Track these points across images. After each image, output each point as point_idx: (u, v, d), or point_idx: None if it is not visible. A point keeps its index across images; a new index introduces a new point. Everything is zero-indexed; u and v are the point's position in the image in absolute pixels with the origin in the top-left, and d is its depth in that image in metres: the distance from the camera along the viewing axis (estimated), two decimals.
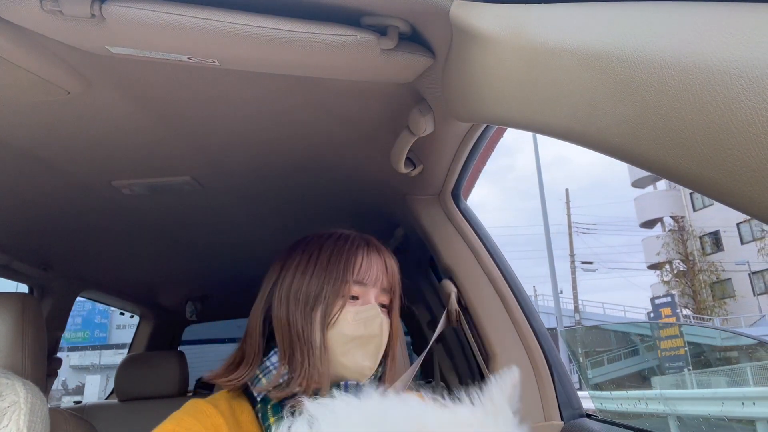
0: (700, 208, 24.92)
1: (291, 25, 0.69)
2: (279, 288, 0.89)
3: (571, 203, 26.74)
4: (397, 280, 0.93)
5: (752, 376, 6.32)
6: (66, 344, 20.53)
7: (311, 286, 0.86)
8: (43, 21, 0.69)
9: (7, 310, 1.08)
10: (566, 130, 0.53)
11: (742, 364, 6.85)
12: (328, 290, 0.85)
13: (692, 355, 7.05)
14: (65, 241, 1.89)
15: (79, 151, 1.21)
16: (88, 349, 21.51)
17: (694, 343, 7.61)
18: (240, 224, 1.84)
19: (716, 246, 23.97)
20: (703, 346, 7.65)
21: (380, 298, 0.90)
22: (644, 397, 5.83)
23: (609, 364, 8.14)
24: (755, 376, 6.30)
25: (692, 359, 6.97)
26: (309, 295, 0.86)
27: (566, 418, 1.21)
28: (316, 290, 0.86)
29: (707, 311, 22.45)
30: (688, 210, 25.52)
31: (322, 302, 0.85)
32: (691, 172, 0.40)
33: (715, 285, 23.35)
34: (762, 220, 0.38)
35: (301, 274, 0.88)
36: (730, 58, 0.35)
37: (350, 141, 1.22)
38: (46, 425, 0.96)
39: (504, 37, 0.58)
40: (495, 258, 1.35)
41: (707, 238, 24.36)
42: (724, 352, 7.56)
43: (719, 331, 8.07)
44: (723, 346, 7.57)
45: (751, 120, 0.34)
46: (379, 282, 0.89)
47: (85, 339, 21.13)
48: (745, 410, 4.56)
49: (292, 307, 0.86)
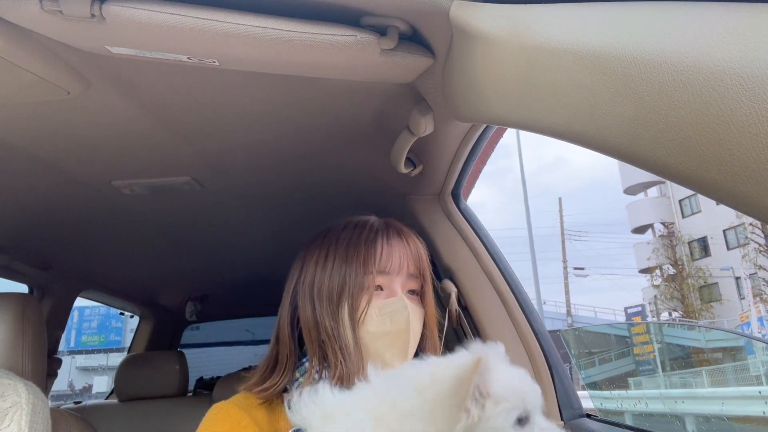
0: (689, 215, 25.64)
1: (291, 25, 0.69)
2: (302, 286, 0.84)
3: (571, 204, 27.40)
4: (426, 263, 0.87)
5: (706, 378, 6.50)
6: (84, 347, 20.99)
7: (333, 281, 0.81)
8: (43, 21, 0.69)
9: (7, 310, 1.08)
10: (566, 130, 0.53)
11: (701, 368, 7.04)
12: (351, 284, 0.80)
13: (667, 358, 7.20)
14: (65, 241, 1.89)
15: (79, 151, 1.21)
16: (93, 352, 21.85)
17: (677, 345, 7.72)
18: (240, 224, 1.84)
19: (704, 252, 24.61)
20: (686, 348, 7.77)
21: (408, 284, 0.83)
22: (644, 397, 5.88)
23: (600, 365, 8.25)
24: (709, 378, 6.48)
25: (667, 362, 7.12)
26: (332, 291, 0.81)
27: (566, 418, 1.21)
28: (339, 285, 0.80)
29: (695, 314, 22.98)
30: (678, 217, 26.22)
31: (348, 298, 0.79)
32: (691, 172, 0.40)
33: (702, 289, 23.93)
34: (762, 220, 0.38)
35: (321, 269, 0.83)
36: (730, 58, 0.35)
37: (350, 141, 1.22)
38: (47, 425, 0.96)
39: (504, 37, 0.57)
40: (495, 258, 1.35)
41: (695, 244, 25.04)
42: (701, 354, 7.70)
43: (704, 333, 8.21)
44: (706, 348, 7.70)
45: (751, 120, 0.34)
46: (404, 268, 0.83)
47: (101, 342, 21.64)
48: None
49: (317, 305, 0.81)
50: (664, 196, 27.04)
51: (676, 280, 24.22)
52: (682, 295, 23.80)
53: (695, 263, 24.60)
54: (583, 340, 6.56)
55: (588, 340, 7.27)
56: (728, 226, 22.66)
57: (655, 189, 27.76)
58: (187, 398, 2.28)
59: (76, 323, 20.93)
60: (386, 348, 0.79)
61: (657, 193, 27.72)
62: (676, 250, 24.91)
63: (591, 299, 51.95)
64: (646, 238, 27.37)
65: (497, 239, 1.41)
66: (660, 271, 25.00)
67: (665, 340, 7.58)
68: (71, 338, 20.81)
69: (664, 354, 7.19)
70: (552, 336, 1.33)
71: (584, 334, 7.87)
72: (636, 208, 27.87)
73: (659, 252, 25.13)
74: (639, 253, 26.89)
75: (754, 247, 20.77)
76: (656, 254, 25.17)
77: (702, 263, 24.20)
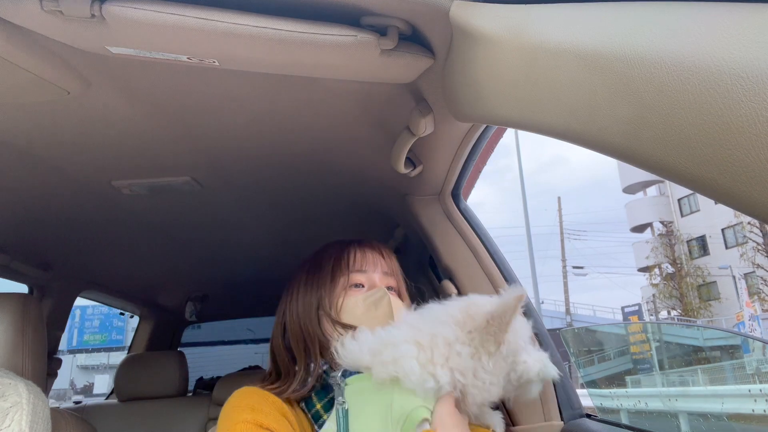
0: (688, 213, 25.81)
1: (291, 25, 0.69)
2: (290, 309, 0.95)
3: (570, 202, 27.63)
4: (397, 266, 0.99)
5: (701, 376, 6.56)
6: (86, 346, 21.31)
7: (314, 294, 0.93)
8: (43, 21, 0.69)
9: (7, 310, 1.08)
10: (566, 130, 0.53)
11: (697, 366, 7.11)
12: (328, 287, 0.92)
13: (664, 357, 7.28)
14: (65, 240, 1.89)
15: (79, 151, 1.21)
16: (93, 351, 22.11)
17: (675, 343, 7.81)
18: (240, 224, 1.84)
19: (703, 250, 24.78)
20: (683, 347, 7.84)
21: (384, 280, 0.95)
22: (644, 395, 5.89)
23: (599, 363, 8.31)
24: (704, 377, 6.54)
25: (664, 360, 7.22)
26: (313, 300, 0.92)
27: (566, 418, 1.21)
28: (318, 294, 0.92)
29: (694, 312, 23.11)
30: (676, 215, 26.39)
31: (325, 299, 0.92)
32: (691, 172, 0.40)
33: (701, 287, 24.08)
34: (762, 220, 0.38)
35: (305, 288, 0.94)
36: (730, 58, 0.35)
37: (350, 141, 1.22)
38: (47, 425, 0.96)
39: (504, 37, 0.58)
40: (495, 258, 1.35)
41: (694, 243, 25.19)
42: (698, 354, 7.77)
43: (702, 332, 8.30)
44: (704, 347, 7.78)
45: (751, 120, 0.34)
46: (379, 266, 0.95)
47: (103, 341, 21.99)
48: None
49: (303, 316, 0.92)
50: (663, 195, 27.20)
51: (675, 278, 24.38)
52: (681, 293, 23.94)
53: (694, 262, 24.74)
54: (583, 339, 6.64)
55: (587, 338, 7.36)
56: (726, 225, 22.82)
57: (654, 188, 27.92)
58: (187, 398, 2.28)
59: (78, 322, 21.14)
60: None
61: (656, 192, 27.90)
62: (675, 249, 25.06)
63: (590, 298, 52.11)
64: (645, 237, 27.53)
65: (495, 238, 1.41)
66: (659, 270, 25.16)
67: (663, 339, 7.65)
68: (73, 337, 21.03)
69: (661, 353, 7.27)
70: (551, 334, 1.33)
71: (583, 332, 7.94)
72: (635, 207, 28.03)
73: (658, 251, 25.29)
74: (638, 252, 27.05)
75: (752, 245, 20.92)
76: (655, 253, 25.33)
77: (701, 262, 24.33)
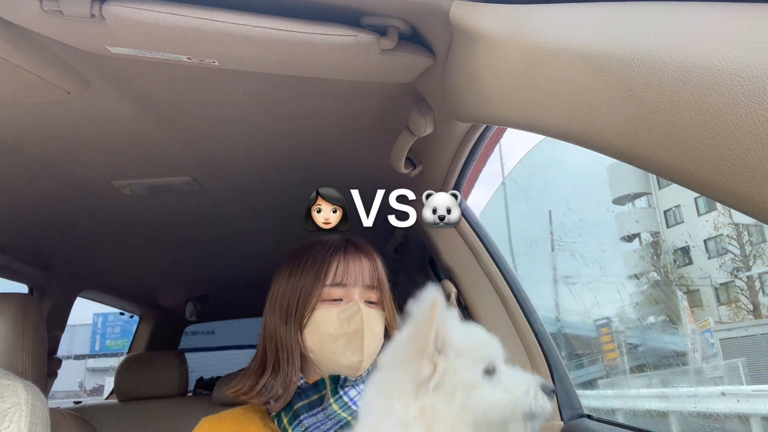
0: (673, 224, 26.62)
1: (291, 25, 0.69)
2: (270, 302, 0.94)
3: (560, 210, 28.59)
4: (383, 275, 0.95)
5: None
6: (109, 351, 21.83)
7: (288, 293, 0.91)
8: (42, 21, 0.69)
9: (7, 310, 1.08)
10: (566, 130, 0.53)
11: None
12: (302, 294, 0.89)
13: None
14: (65, 241, 1.89)
15: (79, 151, 1.21)
16: (100, 356, 22.66)
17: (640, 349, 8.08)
18: (240, 224, 1.84)
19: (687, 260, 25.58)
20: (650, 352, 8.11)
21: (365, 295, 0.91)
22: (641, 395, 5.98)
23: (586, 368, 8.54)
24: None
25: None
26: (286, 303, 0.90)
27: (566, 418, 1.21)
28: (292, 296, 0.90)
29: (678, 319, 23.80)
30: (662, 226, 27.21)
31: (296, 306, 0.89)
32: (691, 172, 0.39)
33: (686, 295, 24.80)
34: (762, 220, 0.38)
35: (285, 284, 0.92)
36: (730, 58, 0.35)
37: (350, 141, 1.22)
38: (46, 426, 0.96)
39: (504, 37, 0.57)
40: (495, 258, 1.35)
41: (679, 252, 25.97)
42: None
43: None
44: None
45: (751, 120, 0.34)
46: (360, 280, 0.91)
47: (123, 346, 22.37)
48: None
49: (276, 316, 0.91)
50: (650, 206, 27.93)
51: (661, 286, 24.97)
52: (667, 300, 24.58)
53: (678, 270, 25.46)
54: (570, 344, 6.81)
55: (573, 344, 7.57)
56: (707, 236, 23.59)
57: (643, 199, 28.50)
58: (187, 398, 2.28)
59: (101, 329, 21.62)
60: (345, 346, 0.87)
61: (645, 204, 28.59)
62: (661, 258, 25.69)
63: (579, 305, 52.36)
64: (633, 247, 28.12)
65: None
66: (646, 278, 25.78)
67: (630, 343, 7.89)
68: (96, 342, 21.48)
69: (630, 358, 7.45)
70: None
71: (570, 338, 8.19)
72: (624, 217, 28.78)
73: (645, 260, 25.98)
74: (627, 260, 27.73)
75: (730, 257, 21.56)
76: (643, 261, 25.99)
77: (684, 271, 25.08)
